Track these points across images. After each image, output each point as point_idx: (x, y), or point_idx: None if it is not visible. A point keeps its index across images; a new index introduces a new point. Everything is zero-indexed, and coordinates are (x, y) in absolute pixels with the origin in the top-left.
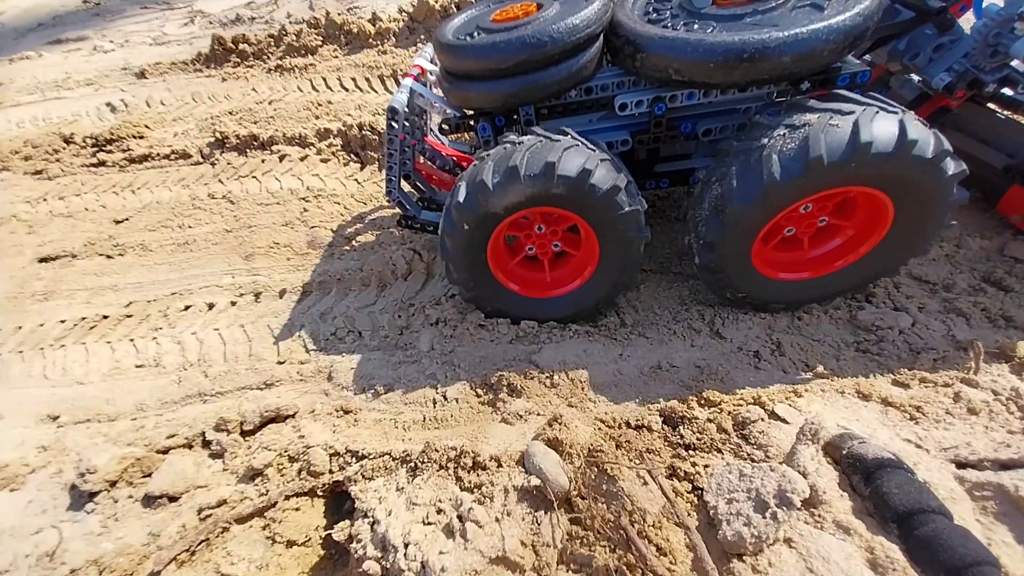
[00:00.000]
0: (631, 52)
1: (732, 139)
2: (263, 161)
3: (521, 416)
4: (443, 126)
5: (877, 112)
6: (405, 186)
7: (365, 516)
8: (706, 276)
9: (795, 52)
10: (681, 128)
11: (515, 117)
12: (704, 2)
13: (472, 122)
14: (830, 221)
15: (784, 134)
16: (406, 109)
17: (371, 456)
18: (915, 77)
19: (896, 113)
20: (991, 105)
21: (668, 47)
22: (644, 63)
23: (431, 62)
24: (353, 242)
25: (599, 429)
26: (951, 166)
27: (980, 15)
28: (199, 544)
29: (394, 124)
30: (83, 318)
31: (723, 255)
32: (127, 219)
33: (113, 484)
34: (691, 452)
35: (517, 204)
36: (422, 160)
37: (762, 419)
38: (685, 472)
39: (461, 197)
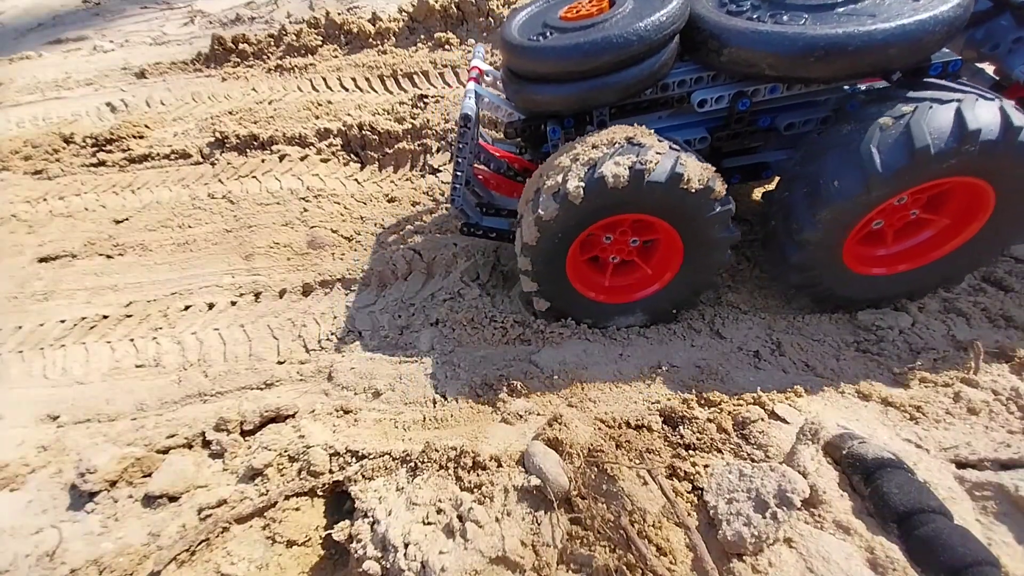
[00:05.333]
0: (716, 47)
1: (821, 132)
2: (263, 161)
3: (521, 416)
4: (508, 130)
5: (977, 99)
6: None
7: (365, 516)
8: (795, 276)
9: (902, 44)
10: (760, 122)
11: (586, 118)
12: None
13: (541, 125)
14: (922, 213)
15: (882, 125)
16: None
17: (371, 456)
18: (985, 66)
19: (994, 100)
20: None
21: (763, 41)
22: (732, 58)
23: (483, 61)
24: (354, 242)
25: (599, 429)
26: None
27: None
28: (199, 544)
29: (466, 131)
30: (83, 318)
31: (816, 253)
32: (127, 219)
33: (113, 484)
34: (691, 452)
35: (603, 212)
36: (478, 164)
37: (762, 419)
38: (685, 472)
39: (545, 208)
